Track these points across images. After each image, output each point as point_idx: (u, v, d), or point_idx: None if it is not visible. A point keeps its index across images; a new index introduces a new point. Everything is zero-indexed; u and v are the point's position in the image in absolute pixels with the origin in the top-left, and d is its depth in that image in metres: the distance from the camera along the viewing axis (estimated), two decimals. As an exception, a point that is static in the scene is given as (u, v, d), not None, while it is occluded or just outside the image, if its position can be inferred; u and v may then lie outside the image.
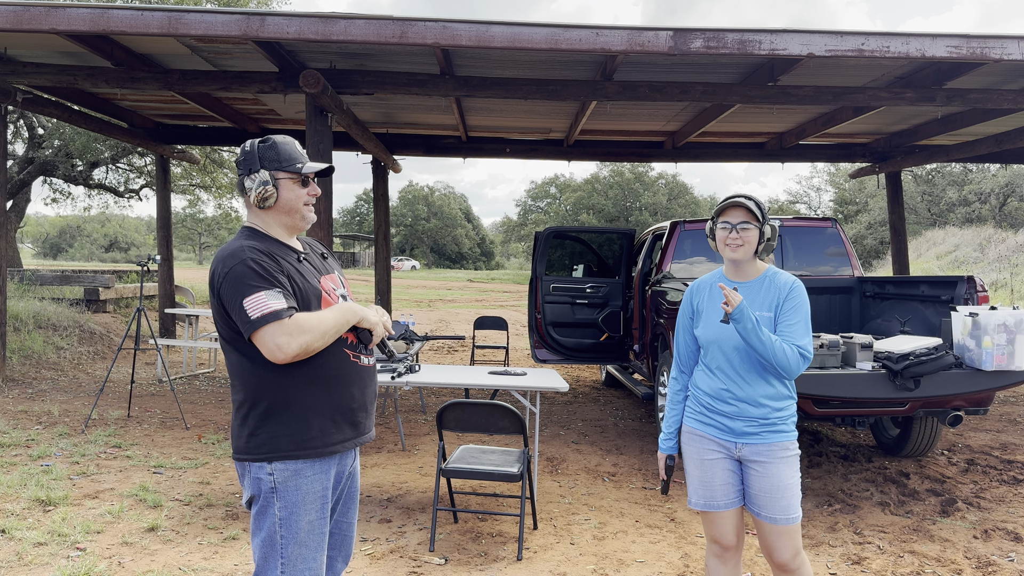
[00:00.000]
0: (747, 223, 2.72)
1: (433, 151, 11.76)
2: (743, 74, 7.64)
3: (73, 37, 6.63)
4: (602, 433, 6.93)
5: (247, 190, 2.27)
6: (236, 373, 2.23)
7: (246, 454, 2.21)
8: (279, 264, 2.19)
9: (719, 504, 2.77)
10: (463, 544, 4.18)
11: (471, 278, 45.15)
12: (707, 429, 2.78)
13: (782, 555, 2.71)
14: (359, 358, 2.34)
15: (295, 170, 2.29)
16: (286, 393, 2.19)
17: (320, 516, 2.25)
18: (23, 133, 15.68)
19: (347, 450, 2.31)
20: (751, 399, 2.69)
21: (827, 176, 40.43)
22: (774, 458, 2.68)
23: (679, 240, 7.06)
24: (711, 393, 2.77)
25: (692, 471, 2.83)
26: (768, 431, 2.69)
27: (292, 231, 2.35)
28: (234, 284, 2.12)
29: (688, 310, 2.93)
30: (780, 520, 2.68)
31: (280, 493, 2.19)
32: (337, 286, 2.40)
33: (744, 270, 2.80)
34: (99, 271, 14.73)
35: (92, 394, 8.15)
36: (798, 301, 2.71)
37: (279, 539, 2.19)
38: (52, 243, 65.49)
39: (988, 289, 11.46)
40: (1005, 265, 18.60)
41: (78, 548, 3.96)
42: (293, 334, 2.10)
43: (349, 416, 2.29)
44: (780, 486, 2.67)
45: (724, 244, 2.76)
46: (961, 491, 5.19)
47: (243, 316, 2.10)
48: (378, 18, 6.01)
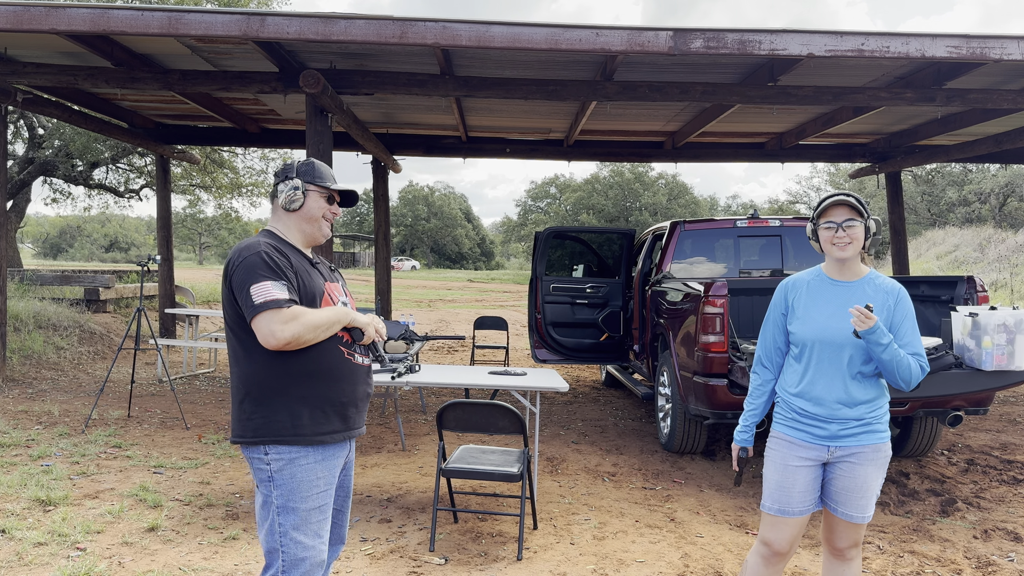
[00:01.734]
0: (852, 220, 2.66)
1: (433, 151, 11.76)
2: (743, 74, 7.64)
3: (73, 37, 6.63)
4: (602, 433, 6.93)
5: (278, 193, 2.53)
6: (236, 359, 2.41)
7: (242, 436, 2.39)
8: (290, 261, 2.41)
9: (794, 511, 2.71)
10: (463, 544, 4.18)
11: (471, 278, 45.16)
12: (799, 435, 2.71)
13: (843, 543, 2.75)
14: (353, 356, 2.50)
15: (324, 185, 2.55)
16: (280, 381, 2.36)
17: (317, 505, 2.39)
18: (23, 133, 15.68)
19: (336, 442, 2.44)
20: (849, 400, 2.64)
21: (827, 176, 40.41)
22: (865, 460, 2.65)
23: (679, 240, 7.06)
24: (805, 395, 2.70)
25: (771, 475, 2.77)
26: (865, 432, 2.65)
27: (309, 240, 2.57)
28: (246, 271, 2.32)
29: (781, 306, 2.83)
30: (856, 518, 2.68)
31: (276, 481, 2.35)
32: (340, 295, 2.60)
33: (849, 269, 2.73)
34: (99, 271, 14.73)
35: (92, 394, 8.15)
36: (908, 307, 2.67)
37: (278, 527, 2.35)
38: (52, 243, 65.49)
39: (988, 289, 11.46)
40: (1005, 265, 18.60)
41: (78, 548, 3.96)
42: (287, 322, 2.27)
43: (340, 409, 2.45)
44: (865, 487, 2.66)
45: (831, 244, 2.69)
46: (961, 491, 5.19)
47: (248, 300, 2.29)
48: (378, 18, 6.01)
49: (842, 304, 2.68)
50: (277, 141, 11.67)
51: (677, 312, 5.92)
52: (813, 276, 2.81)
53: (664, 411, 6.33)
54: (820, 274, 2.80)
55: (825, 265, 2.80)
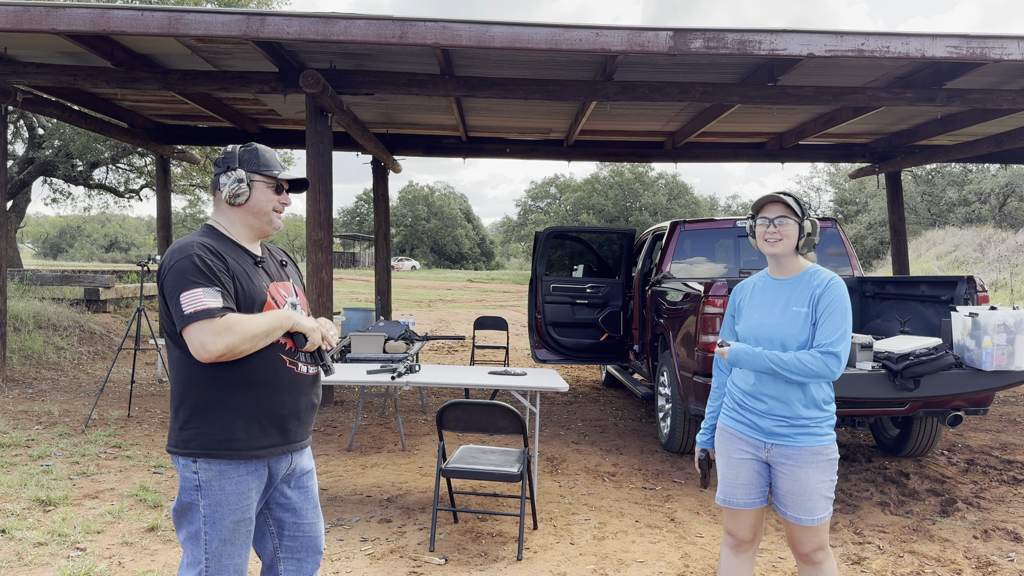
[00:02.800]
0: (785, 217, 2.72)
1: (433, 151, 11.76)
2: (743, 74, 7.64)
3: (73, 37, 6.63)
4: (602, 433, 6.93)
5: (221, 186, 2.34)
6: (174, 367, 2.28)
7: (174, 447, 2.26)
8: (226, 264, 2.23)
9: (739, 502, 2.79)
10: (463, 544, 4.18)
11: (471, 278, 45.16)
12: (738, 427, 2.80)
13: (804, 548, 2.75)
14: (296, 365, 2.33)
15: (271, 175, 2.35)
16: (215, 392, 2.22)
17: (245, 516, 2.28)
18: (23, 133, 15.68)
19: (274, 456, 2.31)
20: (782, 398, 2.68)
21: (827, 176, 40.41)
22: (803, 463, 2.66)
23: (679, 240, 7.06)
24: (745, 390, 2.78)
25: (720, 467, 2.87)
26: (800, 434, 2.67)
27: (257, 235, 2.40)
28: (176, 277, 2.16)
29: (732, 308, 2.94)
30: (805, 520, 2.69)
31: (204, 491, 2.23)
32: (289, 294, 2.42)
33: (785, 267, 2.78)
34: (99, 271, 14.73)
35: (92, 394, 8.15)
36: (831, 299, 2.67)
37: (203, 535, 2.24)
38: (52, 243, 65.49)
39: (988, 289, 11.45)
40: (1005, 265, 18.60)
41: (78, 548, 3.96)
42: (220, 333, 2.12)
43: (278, 422, 2.30)
44: (807, 490, 2.66)
45: (763, 239, 2.75)
46: (961, 491, 5.19)
47: (178, 310, 2.14)
48: (378, 18, 6.01)
49: (777, 302, 2.76)
50: (277, 141, 11.67)
51: (677, 312, 5.92)
52: (760, 278, 2.90)
53: (664, 411, 6.33)
54: (765, 274, 2.89)
55: (768, 267, 2.89)
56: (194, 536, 2.25)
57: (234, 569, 2.28)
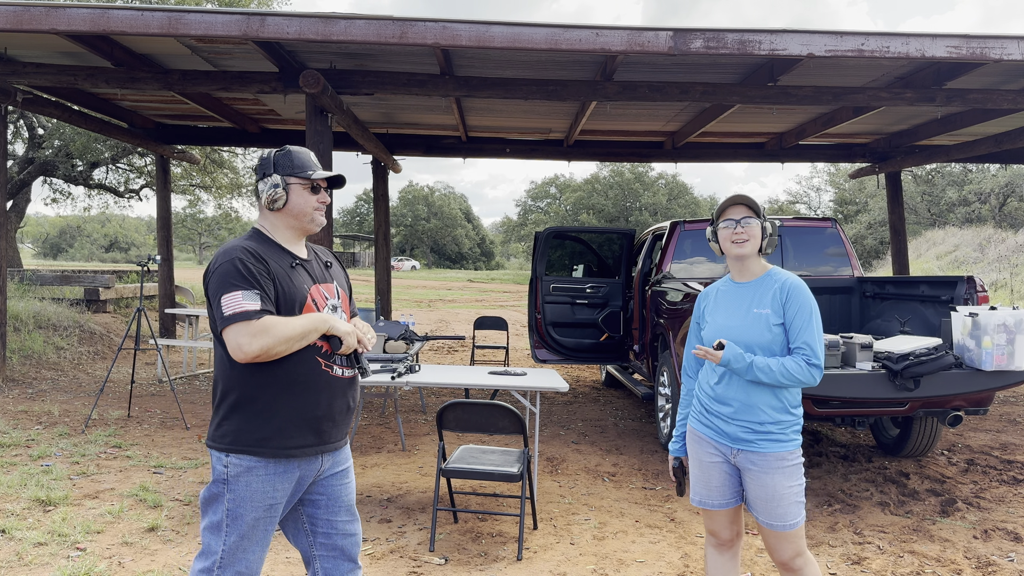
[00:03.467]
0: (749, 218, 2.73)
1: (433, 151, 11.76)
2: (743, 74, 7.64)
3: (73, 37, 6.63)
4: (602, 433, 6.93)
5: (260, 193, 2.42)
6: (217, 365, 2.36)
7: (211, 441, 2.34)
8: (267, 267, 2.29)
9: (714, 503, 2.82)
10: (463, 544, 4.18)
11: (471, 278, 45.15)
12: (706, 431, 2.80)
13: (781, 556, 2.73)
14: (331, 368, 2.38)
15: (305, 176, 2.40)
16: (253, 391, 2.29)
17: (267, 516, 2.32)
18: (23, 133, 15.68)
19: (307, 456, 2.35)
20: (749, 403, 2.68)
21: (827, 176, 40.43)
22: (769, 468, 2.66)
23: (679, 240, 7.07)
24: (711, 394, 2.78)
25: (693, 469, 2.88)
26: (764, 440, 2.66)
27: (300, 234, 2.46)
28: (219, 280, 2.24)
29: (697, 315, 2.95)
30: (777, 526, 2.68)
31: (231, 485, 2.29)
32: (331, 296, 2.46)
33: (748, 269, 2.80)
34: (99, 271, 14.73)
35: (92, 394, 8.15)
36: (800, 302, 2.67)
37: (224, 528, 2.30)
38: (52, 243, 65.50)
39: (988, 289, 11.46)
40: (1005, 265, 18.60)
41: (78, 548, 3.96)
42: (256, 335, 2.19)
43: (313, 423, 2.34)
44: (776, 495, 2.66)
45: (730, 241, 2.75)
46: (961, 491, 5.19)
47: (219, 311, 2.22)
48: (378, 18, 6.01)
49: (740, 305, 2.76)
50: (277, 141, 11.67)
51: (677, 312, 5.92)
52: (722, 283, 2.90)
53: (664, 411, 6.33)
54: (727, 279, 2.89)
55: (729, 271, 2.89)
56: (215, 527, 2.31)
57: (246, 565, 2.32)
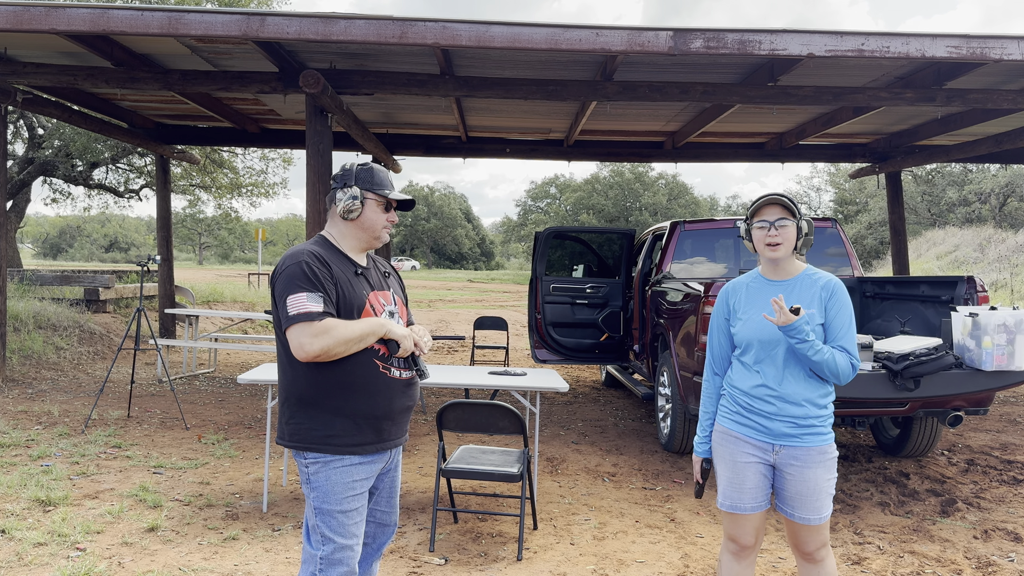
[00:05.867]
0: (784, 219, 2.68)
1: (433, 151, 11.76)
2: (743, 74, 7.64)
3: (73, 37, 6.62)
4: (602, 433, 6.93)
5: (336, 200, 2.52)
6: (281, 365, 2.48)
7: (284, 439, 2.46)
8: (331, 271, 2.41)
9: (746, 507, 2.74)
10: (463, 544, 4.18)
11: (471, 278, 45.15)
12: (743, 430, 2.73)
13: (808, 547, 2.74)
14: (388, 370, 2.48)
15: (383, 194, 2.53)
16: (315, 391, 2.40)
17: (355, 506, 2.44)
18: (23, 133, 15.68)
19: (370, 452, 2.46)
20: (792, 398, 2.65)
21: (827, 176, 40.46)
22: (812, 463, 2.65)
23: (679, 240, 7.07)
24: (749, 392, 2.71)
25: (723, 472, 2.79)
26: (808, 434, 2.65)
27: (364, 247, 2.58)
28: (285, 281, 2.36)
29: (723, 311, 2.86)
30: (812, 520, 2.68)
31: (313, 484, 2.42)
32: (388, 303, 2.57)
33: (783, 268, 2.76)
34: (99, 271, 14.71)
35: (92, 394, 8.15)
36: (843, 301, 2.67)
37: (317, 528, 2.42)
38: (52, 243, 65.51)
39: (988, 289, 11.45)
40: (1005, 265, 18.60)
41: (78, 548, 3.96)
42: (317, 335, 2.29)
43: (372, 423, 2.45)
44: (816, 489, 2.65)
45: (763, 244, 2.71)
46: (961, 491, 5.19)
47: (284, 311, 2.34)
48: (378, 18, 6.01)
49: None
50: (277, 141, 11.67)
51: (677, 312, 5.92)
52: (751, 278, 2.85)
53: (664, 411, 6.33)
54: (757, 275, 2.84)
55: (761, 267, 2.84)
56: (312, 528, 2.43)
57: (345, 563, 2.41)
